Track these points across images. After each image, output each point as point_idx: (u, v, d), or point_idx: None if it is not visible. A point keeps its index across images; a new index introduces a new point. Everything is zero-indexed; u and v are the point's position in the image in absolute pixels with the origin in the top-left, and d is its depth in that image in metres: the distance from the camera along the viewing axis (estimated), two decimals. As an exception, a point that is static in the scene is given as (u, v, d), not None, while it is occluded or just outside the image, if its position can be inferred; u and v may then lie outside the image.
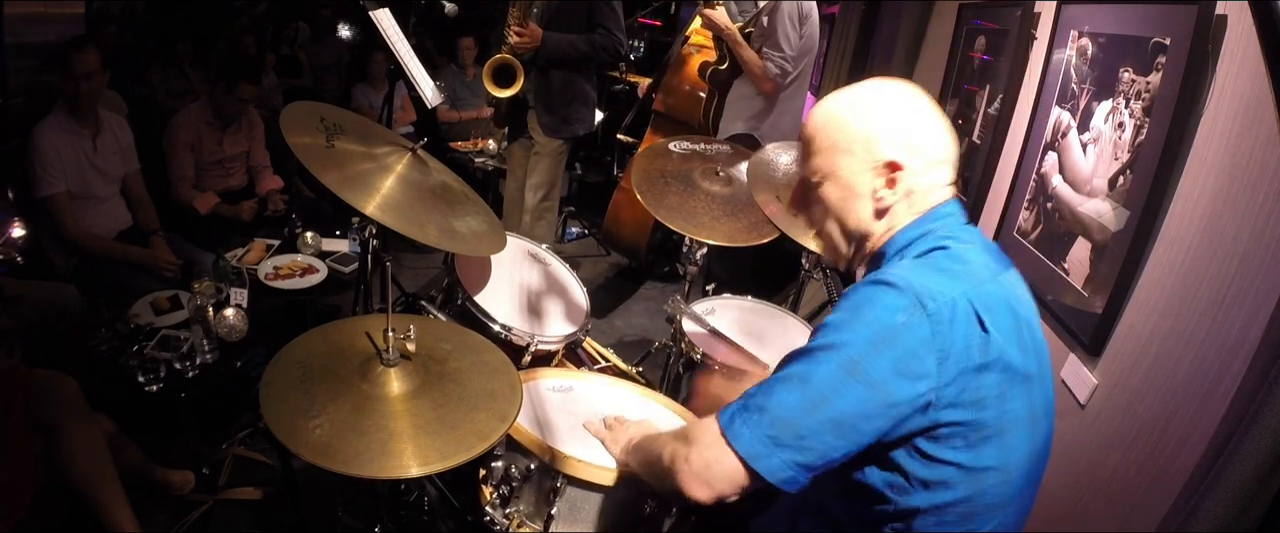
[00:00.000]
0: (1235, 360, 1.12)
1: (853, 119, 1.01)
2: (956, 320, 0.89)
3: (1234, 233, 1.18)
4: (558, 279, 2.16)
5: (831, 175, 1.03)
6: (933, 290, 0.90)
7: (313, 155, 1.47)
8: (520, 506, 1.36)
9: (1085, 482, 1.46)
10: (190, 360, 1.94)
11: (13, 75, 2.87)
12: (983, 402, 0.91)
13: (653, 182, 1.96)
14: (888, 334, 0.88)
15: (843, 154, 1.01)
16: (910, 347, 0.88)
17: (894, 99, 1.02)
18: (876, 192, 1.01)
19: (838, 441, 0.90)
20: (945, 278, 0.92)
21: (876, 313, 0.90)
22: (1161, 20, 1.40)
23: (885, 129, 0.99)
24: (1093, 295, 1.50)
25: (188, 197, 2.94)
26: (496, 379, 1.37)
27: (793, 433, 0.90)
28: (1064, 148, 1.73)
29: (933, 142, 1.00)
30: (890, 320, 0.89)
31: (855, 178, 1.01)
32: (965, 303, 0.90)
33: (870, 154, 0.99)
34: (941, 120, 1.02)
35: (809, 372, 0.91)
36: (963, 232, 1.02)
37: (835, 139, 1.02)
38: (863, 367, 0.88)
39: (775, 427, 0.90)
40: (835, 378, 0.89)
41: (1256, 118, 1.16)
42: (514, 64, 2.89)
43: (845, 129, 1.01)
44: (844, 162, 1.01)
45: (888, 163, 0.99)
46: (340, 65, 5.89)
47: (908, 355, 0.88)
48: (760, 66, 2.85)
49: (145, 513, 1.82)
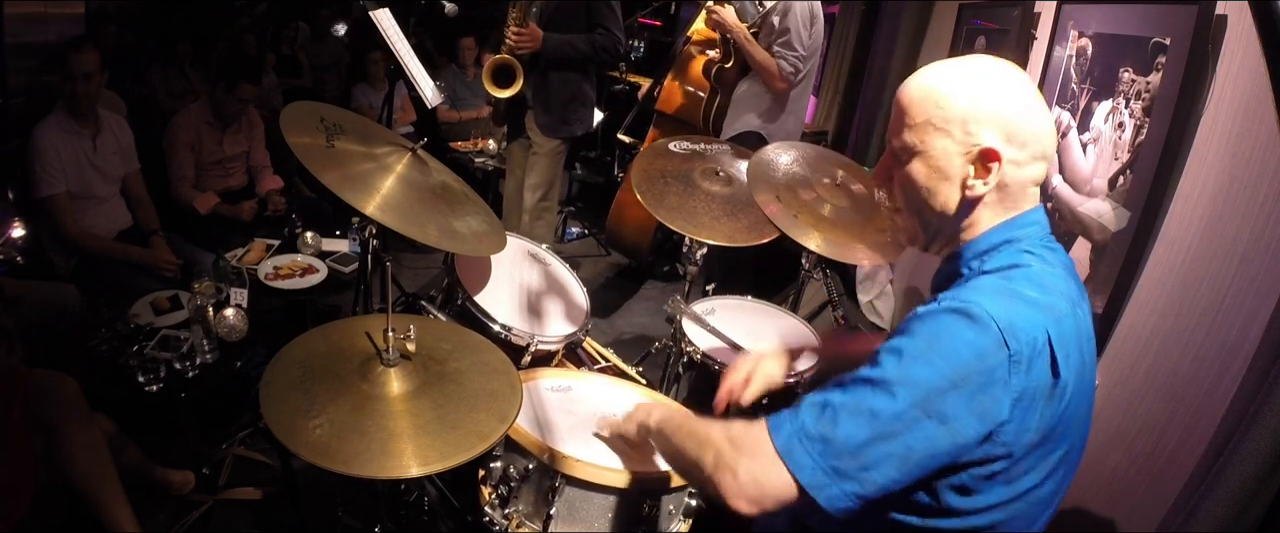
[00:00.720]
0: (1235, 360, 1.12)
1: (954, 96, 0.93)
2: (1035, 360, 0.85)
3: (1234, 233, 1.18)
4: (558, 279, 2.16)
5: (922, 153, 0.96)
6: (1015, 327, 0.84)
7: (313, 155, 1.46)
8: (519, 506, 1.36)
9: (1085, 482, 1.46)
10: (190, 360, 1.94)
11: (13, 75, 2.87)
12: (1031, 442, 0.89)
13: (653, 181, 1.96)
14: (966, 373, 0.84)
15: (937, 132, 0.94)
16: (986, 386, 0.84)
17: (1000, 82, 0.94)
18: (967, 179, 0.94)
19: (900, 475, 0.87)
20: (1028, 309, 0.87)
21: (955, 348, 0.85)
22: (1161, 20, 1.40)
23: (987, 113, 0.92)
24: (1093, 295, 1.50)
25: (188, 197, 2.94)
26: (496, 379, 1.37)
27: (856, 465, 0.86)
28: (1064, 148, 1.73)
29: (1035, 134, 0.93)
30: (970, 359, 0.84)
31: (947, 160, 0.94)
32: (1044, 341, 0.86)
33: (967, 137, 0.92)
34: (1046, 112, 0.95)
35: (879, 406, 0.86)
36: (1047, 248, 0.97)
37: (931, 114, 0.94)
38: (937, 405, 0.84)
39: (840, 460, 0.86)
40: (907, 415, 0.85)
41: (1256, 118, 1.16)
42: (514, 64, 2.89)
43: (944, 105, 0.93)
44: (938, 141, 0.94)
45: (985, 150, 0.92)
46: (340, 65, 5.89)
47: (983, 394, 0.84)
48: (774, 66, 2.84)
49: (145, 513, 1.81)
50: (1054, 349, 0.86)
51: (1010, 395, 0.84)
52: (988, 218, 0.97)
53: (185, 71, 4.40)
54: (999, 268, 0.94)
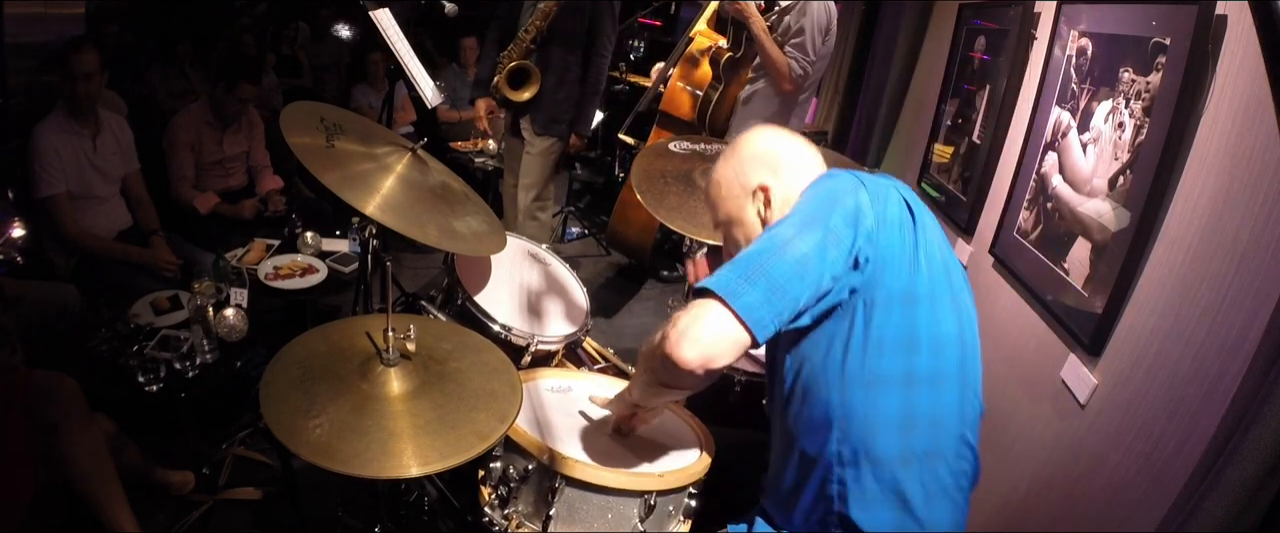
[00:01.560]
0: (1235, 361, 1.12)
1: (724, 170, 1.25)
2: (888, 197, 1.09)
3: (1234, 233, 1.18)
4: (558, 279, 2.16)
5: (732, 218, 1.24)
6: (869, 177, 1.12)
7: (313, 155, 1.47)
8: (519, 506, 1.36)
9: (1085, 482, 1.46)
10: (190, 360, 1.94)
11: (13, 75, 2.87)
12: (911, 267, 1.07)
13: (653, 181, 1.96)
14: (832, 195, 1.08)
15: (728, 199, 1.24)
16: (855, 205, 1.06)
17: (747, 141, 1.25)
18: (760, 212, 1.21)
19: (803, 283, 1.02)
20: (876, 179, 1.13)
21: (825, 185, 1.12)
22: (1161, 20, 1.40)
23: (746, 165, 1.22)
24: (1093, 295, 1.50)
25: (188, 197, 2.94)
26: (496, 379, 1.37)
27: (764, 272, 1.02)
28: (1064, 148, 1.73)
29: (784, 158, 1.21)
30: (833, 187, 1.10)
31: (743, 212, 1.22)
32: (895, 191, 1.11)
33: (743, 188, 1.22)
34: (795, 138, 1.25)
35: (773, 231, 1.07)
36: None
37: (719, 192, 1.26)
38: (816, 218, 1.06)
39: (748, 268, 1.03)
40: (794, 230, 1.05)
41: (1256, 118, 1.16)
42: (531, 69, 2.92)
43: (722, 181, 1.25)
44: (733, 204, 1.24)
45: (757, 188, 1.20)
46: (340, 65, 5.89)
47: (853, 211, 1.06)
48: (785, 65, 2.80)
49: (145, 513, 1.81)
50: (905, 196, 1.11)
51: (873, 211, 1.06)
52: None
53: (185, 71, 4.39)
54: None
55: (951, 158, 2.51)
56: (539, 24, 2.86)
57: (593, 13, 2.92)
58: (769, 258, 1.03)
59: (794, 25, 2.82)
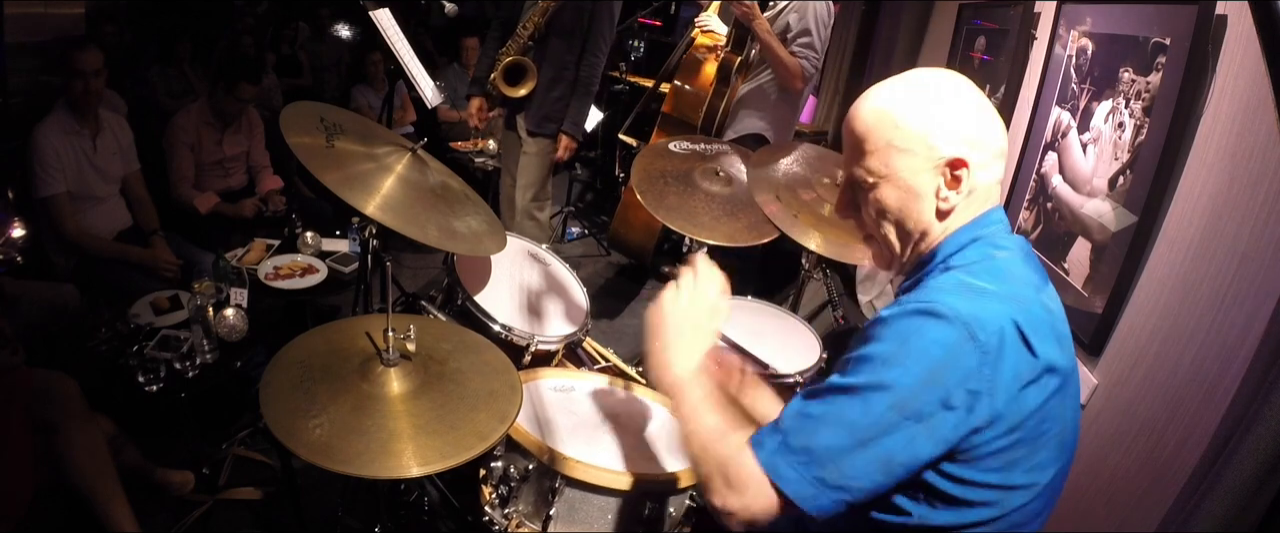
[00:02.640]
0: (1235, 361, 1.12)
1: (909, 115, 0.94)
2: (1005, 348, 0.85)
3: (1234, 233, 1.18)
4: (558, 279, 2.16)
5: (889, 177, 0.96)
6: (981, 318, 0.85)
7: (313, 155, 1.46)
8: (519, 506, 1.36)
9: (1085, 482, 1.46)
10: (190, 360, 1.94)
11: (13, 75, 2.87)
12: (1023, 423, 0.88)
13: (653, 181, 1.96)
14: (937, 370, 0.84)
15: (900, 154, 0.94)
16: (960, 379, 0.84)
17: (948, 91, 0.95)
18: (940, 191, 0.95)
19: (884, 478, 0.88)
20: (991, 300, 0.88)
21: (924, 347, 0.85)
22: (1161, 20, 1.40)
23: (945, 125, 0.93)
24: (1093, 295, 1.50)
25: (188, 197, 2.94)
26: (496, 379, 1.37)
27: (840, 474, 0.87)
28: (1064, 148, 1.73)
29: (991, 133, 0.94)
30: (940, 355, 0.84)
31: (916, 178, 0.95)
32: (1012, 327, 0.86)
33: (932, 152, 0.93)
34: (992, 110, 0.97)
35: (855, 413, 0.87)
36: (1008, 241, 0.98)
37: (891, 138, 0.94)
38: (912, 405, 0.85)
39: (824, 470, 0.87)
40: (884, 419, 0.85)
41: (1256, 118, 1.16)
42: (527, 65, 2.91)
43: (901, 127, 0.94)
44: (903, 162, 0.95)
45: (951, 160, 0.93)
46: (340, 65, 5.89)
47: (957, 388, 0.84)
48: (796, 65, 2.77)
49: (145, 513, 1.81)
50: (1025, 333, 0.87)
51: (983, 385, 0.85)
52: (957, 222, 0.98)
53: (185, 71, 4.39)
54: (961, 265, 0.94)
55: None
56: (537, 20, 2.86)
57: (592, 11, 2.92)
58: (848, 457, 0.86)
59: (796, 25, 2.81)
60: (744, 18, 2.81)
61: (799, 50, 2.78)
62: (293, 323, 2.77)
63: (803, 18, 2.78)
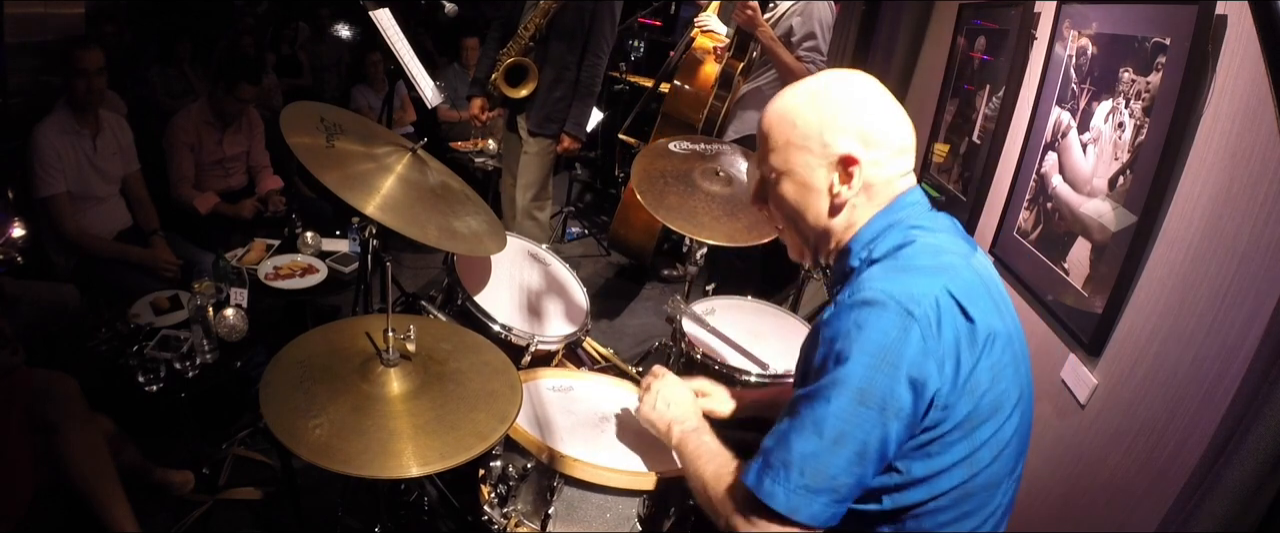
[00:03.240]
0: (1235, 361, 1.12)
1: (806, 113, 0.99)
2: (943, 318, 0.89)
3: (1234, 233, 1.18)
4: (558, 279, 2.16)
5: (788, 172, 1.02)
6: (913, 294, 0.88)
7: (313, 155, 1.46)
8: (518, 505, 1.36)
9: (1085, 482, 1.46)
10: (190, 360, 1.94)
11: (13, 75, 2.87)
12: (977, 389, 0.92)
13: (653, 181, 1.96)
14: (883, 353, 0.87)
15: (798, 150, 0.99)
16: (909, 358, 0.87)
17: (847, 90, 0.99)
18: (832, 187, 0.99)
19: (865, 469, 0.91)
20: (921, 276, 0.91)
21: (867, 336, 0.88)
22: (1161, 20, 1.40)
23: (839, 122, 0.97)
24: (1093, 295, 1.50)
25: (188, 197, 2.94)
26: (496, 379, 1.37)
27: (822, 476, 0.90)
28: (1064, 148, 1.73)
29: (890, 131, 0.98)
30: (882, 339, 0.88)
31: (810, 173, 1.00)
32: (946, 297, 0.90)
33: (825, 149, 0.98)
34: (897, 109, 1.00)
35: (820, 414, 0.90)
36: (928, 219, 1.01)
37: (789, 135, 1.00)
38: (871, 394, 0.88)
39: (805, 477, 0.90)
40: (847, 412, 0.89)
41: (1256, 118, 1.16)
42: (529, 65, 2.92)
43: (798, 124, 0.99)
44: (799, 157, 1.00)
45: (842, 157, 0.97)
46: (340, 65, 5.89)
47: (909, 366, 0.87)
48: (802, 70, 2.75)
49: (145, 513, 1.81)
50: (959, 301, 0.90)
51: (933, 360, 0.88)
52: (863, 214, 1.01)
53: (185, 71, 4.40)
54: (886, 253, 0.98)
55: (951, 158, 2.51)
56: (539, 21, 2.86)
57: (593, 12, 2.92)
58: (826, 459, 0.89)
59: (800, 29, 2.80)
60: (747, 25, 2.80)
61: (805, 54, 2.77)
62: (293, 323, 2.78)
63: (806, 21, 2.77)
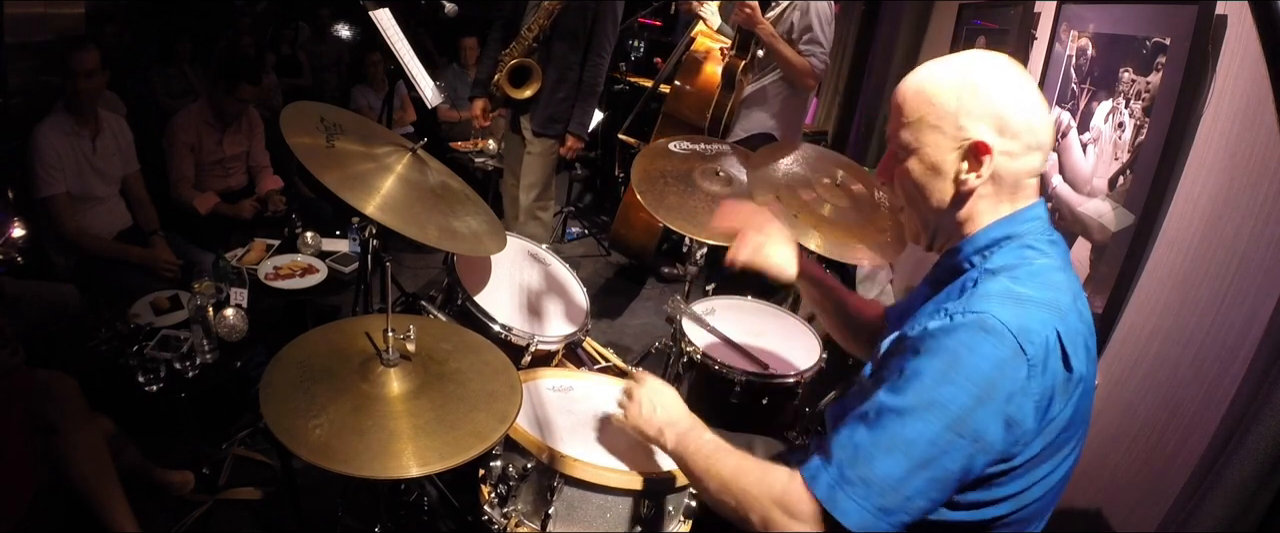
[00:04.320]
0: (1235, 361, 1.12)
1: (945, 92, 0.94)
2: (1049, 359, 0.86)
3: (1234, 233, 1.18)
4: (558, 279, 2.16)
5: (917, 150, 0.97)
6: (1028, 329, 0.85)
7: (313, 155, 1.46)
8: (518, 504, 1.36)
9: (1085, 482, 1.46)
10: (190, 360, 1.94)
11: (13, 75, 2.87)
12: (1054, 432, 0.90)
13: (653, 182, 1.96)
14: (990, 387, 0.85)
15: (930, 129, 0.95)
16: (1010, 394, 0.85)
17: (991, 75, 0.94)
18: (960, 173, 0.95)
19: (940, 496, 0.89)
20: (1036, 309, 0.88)
21: (976, 363, 0.85)
22: (1161, 20, 1.41)
23: (978, 107, 0.93)
24: (1093, 296, 1.50)
25: (188, 197, 2.94)
26: (496, 379, 1.37)
27: (900, 498, 0.87)
28: (1064, 148, 1.73)
29: (1028, 125, 0.93)
30: (991, 372, 0.85)
31: (939, 155, 0.96)
32: (1055, 340, 0.87)
33: (958, 131, 0.93)
34: (1039, 101, 0.95)
35: (912, 436, 0.86)
36: (1046, 242, 0.97)
37: (923, 112, 0.96)
38: (968, 425, 0.85)
39: (884, 497, 0.87)
40: (941, 440, 0.85)
41: (1256, 118, 1.16)
42: (532, 66, 2.92)
43: (934, 102, 0.95)
44: (930, 137, 0.96)
45: (975, 143, 0.93)
46: (340, 65, 5.89)
47: (1009, 404, 0.85)
48: (805, 64, 2.76)
49: (145, 513, 1.81)
50: (1064, 345, 0.87)
51: (1032, 400, 0.86)
52: (986, 212, 0.98)
53: (185, 71, 4.39)
54: (1003, 267, 0.94)
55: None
56: (542, 22, 2.86)
57: (596, 12, 2.92)
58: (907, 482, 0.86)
59: (799, 23, 2.80)
60: (746, 23, 2.80)
61: (806, 48, 2.77)
62: (293, 323, 2.77)
63: (805, 15, 2.77)
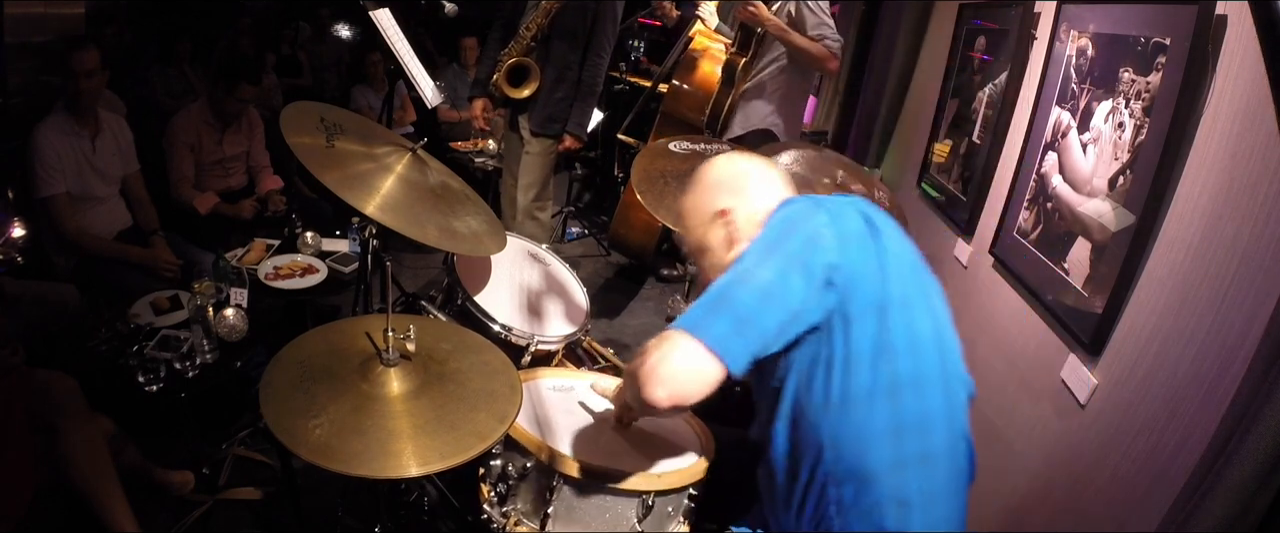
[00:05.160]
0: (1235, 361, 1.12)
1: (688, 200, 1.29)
2: (846, 213, 1.09)
3: (1234, 233, 1.18)
4: (558, 279, 2.16)
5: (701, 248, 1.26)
6: (825, 199, 1.13)
7: (313, 155, 1.47)
8: (517, 504, 1.36)
9: (1085, 482, 1.46)
10: (190, 360, 1.94)
11: (13, 75, 2.87)
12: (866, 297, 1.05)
13: (653, 182, 1.96)
14: (793, 222, 1.09)
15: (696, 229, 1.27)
16: (814, 227, 1.07)
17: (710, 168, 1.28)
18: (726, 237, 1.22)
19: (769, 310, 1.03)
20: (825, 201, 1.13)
21: (783, 214, 1.12)
22: (1161, 20, 1.40)
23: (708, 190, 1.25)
24: (1093, 295, 1.50)
25: (188, 197, 2.94)
26: (496, 379, 1.37)
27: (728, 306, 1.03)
28: (1064, 148, 1.73)
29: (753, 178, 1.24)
30: (793, 214, 1.11)
31: (708, 237, 1.24)
32: (852, 207, 1.11)
33: (706, 213, 1.24)
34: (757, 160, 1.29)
35: (737, 266, 1.08)
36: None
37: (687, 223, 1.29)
38: (780, 245, 1.07)
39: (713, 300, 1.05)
40: (758, 257, 1.07)
41: (1256, 118, 1.16)
42: (530, 66, 2.92)
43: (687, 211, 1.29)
44: (699, 233, 1.26)
45: (717, 212, 1.22)
46: (340, 65, 5.89)
47: (813, 234, 1.06)
48: (821, 49, 2.74)
49: (145, 513, 1.81)
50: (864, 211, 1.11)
51: (833, 232, 1.06)
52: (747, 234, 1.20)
53: (185, 71, 4.39)
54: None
55: (951, 158, 2.51)
56: (541, 21, 2.86)
57: (595, 12, 2.92)
58: (732, 289, 1.05)
59: (797, 14, 2.78)
60: (751, 20, 2.80)
61: (815, 33, 2.75)
62: (293, 323, 2.77)
63: (799, 11, 2.77)
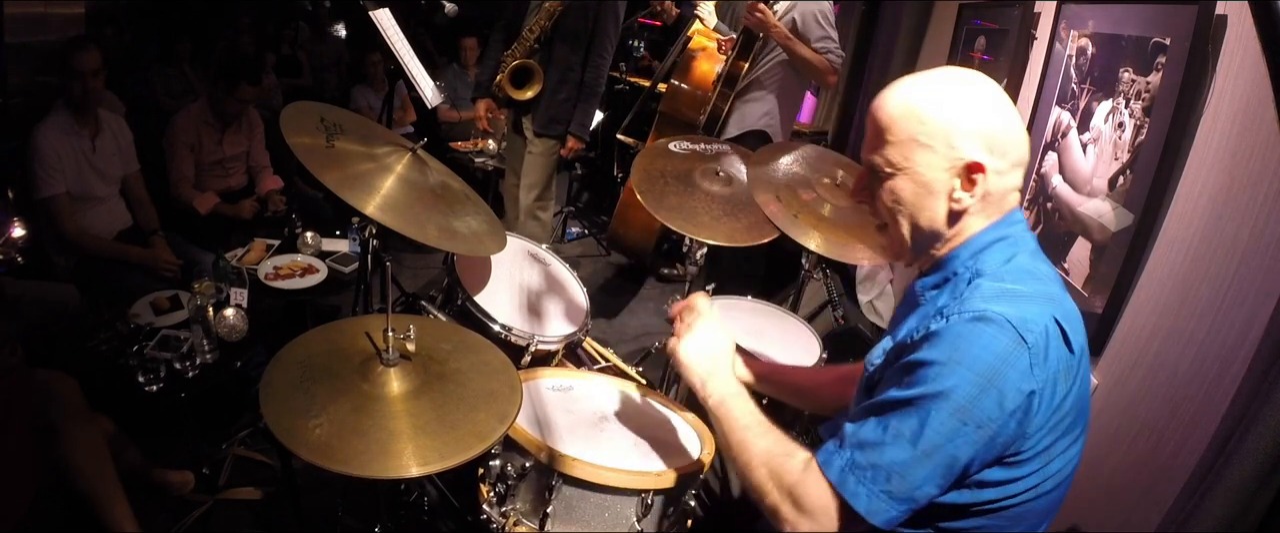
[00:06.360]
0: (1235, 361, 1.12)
1: (935, 112, 0.95)
2: (1050, 346, 0.89)
3: (1234, 233, 1.18)
4: (558, 279, 2.16)
5: (907, 169, 0.98)
6: (1027, 320, 0.88)
7: (313, 155, 1.46)
8: (516, 503, 1.36)
9: (1085, 482, 1.46)
10: (190, 360, 1.94)
11: (13, 75, 2.87)
12: (1059, 415, 0.92)
13: (653, 181, 1.96)
14: (992, 374, 0.87)
15: (922, 149, 0.96)
16: (1013, 381, 0.87)
17: (978, 94, 0.97)
18: (953, 192, 0.97)
19: (947, 481, 0.91)
20: (1031, 302, 0.91)
21: (977, 353, 0.88)
22: (1161, 20, 1.41)
23: (969, 127, 0.94)
24: (1093, 296, 1.50)
25: (188, 197, 2.94)
26: (496, 379, 1.37)
27: (908, 485, 0.90)
28: (1064, 148, 1.73)
29: (1014, 143, 0.96)
30: (993, 360, 0.87)
31: (932, 175, 0.97)
32: (1053, 325, 0.90)
33: (952, 152, 0.95)
34: (1020, 120, 0.99)
35: (919, 426, 0.89)
36: (1029, 239, 1.01)
37: (914, 132, 0.96)
38: (972, 411, 0.87)
39: (891, 484, 0.90)
40: (946, 428, 0.88)
41: (1256, 118, 1.16)
42: (533, 67, 2.92)
43: (926, 122, 0.95)
44: (922, 157, 0.96)
45: (969, 163, 0.95)
46: (340, 65, 5.89)
47: (1012, 391, 0.88)
48: (825, 62, 2.77)
49: (145, 513, 1.81)
50: (1064, 327, 0.91)
51: (1035, 386, 0.88)
52: (974, 225, 1.00)
53: (185, 71, 4.40)
54: (992, 267, 0.97)
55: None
56: (543, 23, 2.86)
57: (597, 13, 2.92)
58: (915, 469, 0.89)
59: (801, 26, 2.79)
60: (757, 27, 2.80)
61: (818, 46, 2.77)
62: (293, 323, 2.77)
63: (804, 18, 2.77)
